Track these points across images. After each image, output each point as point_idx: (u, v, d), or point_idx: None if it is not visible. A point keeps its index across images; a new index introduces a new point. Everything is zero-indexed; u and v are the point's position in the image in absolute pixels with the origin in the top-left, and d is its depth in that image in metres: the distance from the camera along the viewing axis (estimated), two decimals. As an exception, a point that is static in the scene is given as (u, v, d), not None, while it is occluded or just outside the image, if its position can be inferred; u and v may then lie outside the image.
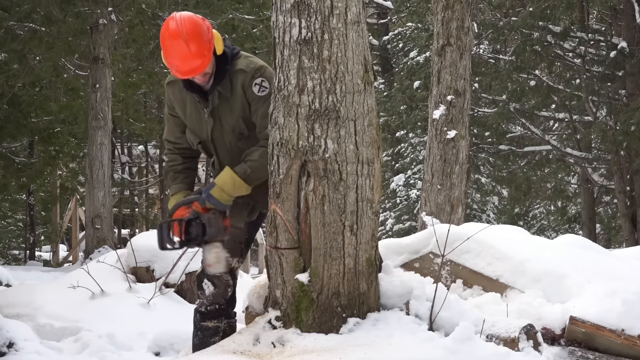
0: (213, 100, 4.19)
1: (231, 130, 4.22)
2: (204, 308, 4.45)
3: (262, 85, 4.13)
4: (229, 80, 4.16)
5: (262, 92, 4.13)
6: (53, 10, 14.45)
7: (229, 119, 4.21)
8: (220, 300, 4.44)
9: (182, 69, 4.05)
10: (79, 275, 7.42)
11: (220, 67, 4.14)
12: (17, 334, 5.73)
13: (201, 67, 4.04)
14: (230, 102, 4.18)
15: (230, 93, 4.17)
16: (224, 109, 4.20)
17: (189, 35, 4.01)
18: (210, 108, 4.20)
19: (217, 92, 4.17)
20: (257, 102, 4.14)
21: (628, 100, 15.84)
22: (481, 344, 3.49)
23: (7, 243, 25.78)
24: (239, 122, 4.20)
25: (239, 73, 4.16)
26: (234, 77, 4.16)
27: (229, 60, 4.16)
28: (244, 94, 4.16)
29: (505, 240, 4.48)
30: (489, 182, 20.82)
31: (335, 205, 3.67)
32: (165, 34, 4.05)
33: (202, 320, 4.46)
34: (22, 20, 14.78)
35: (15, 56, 15.46)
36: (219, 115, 4.21)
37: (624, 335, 3.74)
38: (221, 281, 4.43)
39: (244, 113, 4.19)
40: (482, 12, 17.98)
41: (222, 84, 4.16)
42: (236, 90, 4.16)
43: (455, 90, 8.85)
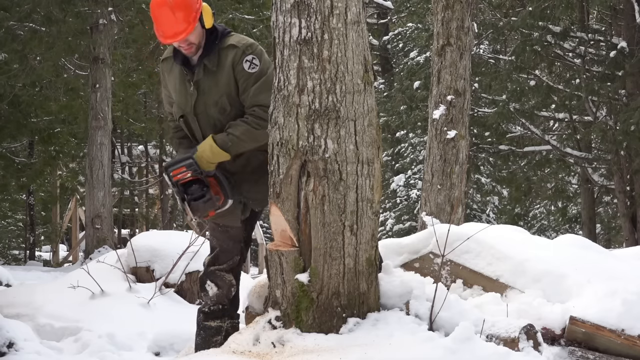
0: (198, 72, 4.23)
1: (214, 104, 4.24)
2: (207, 308, 4.46)
3: (252, 62, 4.17)
4: (217, 56, 4.21)
5: (252, 69, 4.17)
6: (53, 10, 14.46)
7: (213, 93, 4.23)
8: (224, 301, 4.45)
9: (166, 33, 4.13)
10: (79, 275, 7.42)
11: (209, 41, 4.21)
12: (17, 334, 5.73)
13: (184, 32, 4.10)
14: (216, 76, 4.22)
15: (216, 67, 4.21)
16: (209, 82, 4.23)
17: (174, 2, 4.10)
18: (195, 79, 4.24)
19: (203, 65, 4.22)
20: (247, 79, 4.17)
21: (628, 100, 15.84)
22: (481, 344, 3.49)
23: (7, 243, 25.77)
24: (223, 97, 4.22)
25: (229, 49, 4.21)
26: (223, 53, 4.21)
27: (219, 36, 4.23)
28: (232, 70, 4.19)
29: (505, 240, 4.48)
30: (489, 182, 20.82)
31: (335, 205, 3.67)
32: (154, 2, 4.16)
33: (205, 320, 4.47)
34: (22, 20, 14.78)
35: (15, 56, 15.47)
36: (203, 88, 4.25)
37: (624, 335, 3.74)
38: (224, 281, 4.43)
39: (229, 89, 4.22)
40: (482, 12, 17.98)
41: (210, 58, 4.21)
42: (224, 66, 4.20)
43: (455, 90, 8.85)
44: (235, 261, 4.48)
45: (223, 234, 4.46)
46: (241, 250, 4.49)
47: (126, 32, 17.45)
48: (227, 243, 4.46)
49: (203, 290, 4.49)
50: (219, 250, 4.47)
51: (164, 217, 24.32)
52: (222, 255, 4.46)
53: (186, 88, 4.28)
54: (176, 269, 7.78)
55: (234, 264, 4.47)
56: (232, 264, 4.47)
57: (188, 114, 4.32)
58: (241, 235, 4.46)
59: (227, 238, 4.45)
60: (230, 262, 4.46)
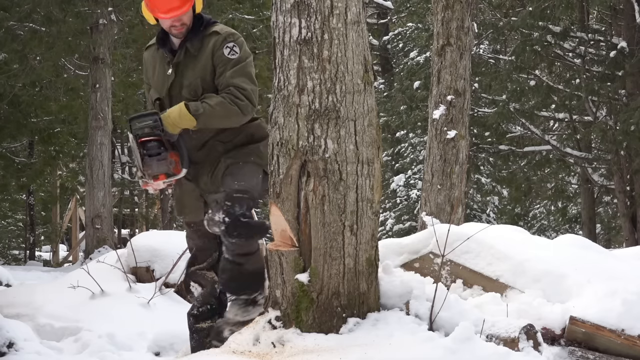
0: (179, 55, 4.30)
1: (187, 86, 4.29)
2: (196, 310, 4.49)
3: (232, 49, 4.25)
4: (200, 41, 4.29)
5: (232, 55, 4.25)
6: (53, 10, 14.45)
7: (189, 76, 4.29)
8: (211, 300, 4.47)
9: (163, 7, 4.18)
10: (79, 275, 7.42)
11: (195, 27, 4.29)
12: (17, 334, 5.73)
13: (181, 8, 4.18)
14: (195, 60, 4.29)
15: (197, 52, 4.28)
16: (188, 65, 4.30)
17: None
18: (175, 61, 4.30)
19: (185, 48, 4.29)
20: (226, 64, 4.25)
21: (628, 100, 15.84)
22: (481, 344, 3.49)
23: (7, 243, 25.78)
24: (197, 80, 4.28)
25: (212, 35, 4.30)
26: (206, 39, 4.30)
27: (204, 23, 4.32)
28: (211, 55, 4.26)
29: (505, 240, 4.48)
30: (489, 182, 20.81)
31: (335, 205, 3.67)
32: None
33: (196, 322, 4.49)
34: (22, 21, 14.78)
35: (15, 56, 15.47)
36: (182, 70, 4.31)
37: (624, 335, 3.74)
38: (207, 280, 4.45)
39: (204, 73, 4.28)
40: (482, 12, 17.98)
41: (193, 42, 4.29)
42: (205, 51, 4.28)
43: (455, 90, 8.85)
44: (215, 258, 4.49)
45: (196, 233, 4.49)
46: (219, 246, 4.47)
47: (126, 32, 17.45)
48: (203, 241, 4.48)
49: (189, 293, 4.52)
50: (197, 250, 4.50)
51: (164, 217, 24.31)
52: (200, 255, 4.50)
53: (164, 70, 4.34)
54: (176, 269, 7.78)
55: (213, 261, 4.49)
56: (212, 261, 4.49)
57: (163, 97, 4.36)
58: None
59: (202, 236, 4.47)
60: (210, 260, 4.48)
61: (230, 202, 4.21)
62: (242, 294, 4.34)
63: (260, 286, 4.37)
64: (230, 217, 4.20)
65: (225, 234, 4.21)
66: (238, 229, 4.20)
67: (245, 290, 4.34)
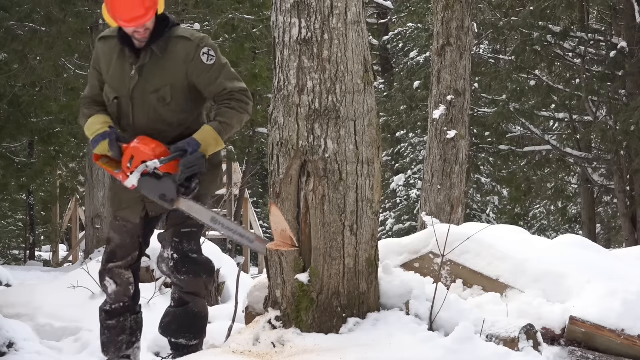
0: (144, 57, 4.16)
1: (154, 91, 4.17)
2: (109, 307, 4.44)
3: (209, 54, 4.14)
4: (165, 43, 4.15)
5: (210, 60, 4.13)
6: (53, 10, 14.45)
7: (156, 81, 4.17)
8: (124, 299, 4.43)
9: (126, 17, 4.03)
10: (79, 275, 7.41)
11: (158, 28, 4.14)
12: (17, 334, 5.72)
13: (145, 17, 4.03)
14: (161, 64, 4.15)
15: (163, 54, 4.15)
16: (153, 69, 4.17)
17: None
18: (139, 64, 4.16)
19: (150, 50, 4.15)
20: (210, 71, 4.13)
21: (628, 100, 15.84)
22: (481, 344, 3.49)
23: (7, 243, 25.78)
24: (166, 87, 4.16)
25: (180, 40, 4.15)
26: (172, 42, 4.15)
27: (169, 24, 4.18)
28: (185, 65, 4.13)
29: (505, 241, 4.48)
30: (489, 182, 20.82)
31: (335, 205, 3.67)
32: None
33: (107, 319, 4.45)
34: (22, 21, 14.77)
35: (15, 56, 15.45)
36: (146, 74, 4.17)
37: (624, 335, 3.74)
38: (122, 279, 4.40)
39: (175, 80, 4.16)
40: (482, 12, 17.97)
41: (158, 44, 4.14)
42: (172, 55, 4.14)
43: (455, 90, 8.85)
44: (134, 257, 4.42)
45: (121, 228, 4.39)
46: (140, 247, 4.44)
47: (126, 32, 17.43)
48: (125, 238, 4.39)
49: (102, 287, 4.45)
50: (116, 246, 4.40)
51: (164, 217, 24.30)
52: (119, 251, 4.40)
53: (125, 70, 4.20)
54: (176, 269, 7.77)
55: (132, 261, 4.42)
56: (131, 260, 4.41)
57: (123, 97, 4.23)
58: (139, 231, 4.40)
59: (125, 233, 4.39)
60: (129, 259, 4.40)
61: (178, 238, 4.26)
62: (180, 337, 4.33)
63: (201, 334, 4.38)
64: (179, 254, 4.26)
65: (174, 270, 4.26)
66: (186, 265, 4.26)
67: (185, 333, 4.33)
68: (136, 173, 4.08)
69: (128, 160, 4.12)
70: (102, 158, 4.24)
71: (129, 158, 4.12)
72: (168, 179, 4.05)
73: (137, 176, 4.08)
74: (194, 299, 4.32)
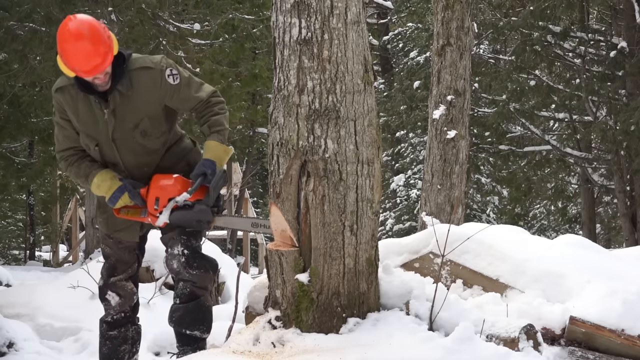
0: (114, 99, 4.13)
1: (134, 127, 4.18)
2: (110, 318, 4.48)
3: (173, 75, 4.15)
4: (129, 79, 4.12)
5: (176, 80, 4.15)
6: (53, 10, 14.44)
7: (132, 117, 4.17)
8: (126, 308, 4.49)
9: (85, 67, 3.97)
10: (79, 275, 7.42)
11: (117, 66, 4.09)
12: (17, 334, 5.73)
13: (103, 64, 3.97)
14: (132, 100, 4.14)
15: (131, 91, 4.13)
16: (126, 107, 4.15)
17: (90, 33, 3.94)
18: (111, 108, 4.14)
19: (117, 91, 4.12)
20: (178, 91, 4.16)
21: (628, 100, 15.84)
22: (481, 344, 3.49)
23: (7, 243, 25.77)
24: (144, 120, 4.17)
25: (142, 71, 4.13)
26: (135, 76, 4.12)
27: (125, 59, 4.12)
28: (155, 92, 4.13)
29: (505, 241, 4.48)
30: (489, 182, 20.82)
31: (335, 205, 3.67)
32: (66, 34, 3.95)
33: (109, 329, 4.49)
34: (22, 20, 14.76)
35: (15, 56, 15.45)
36: (121, 114, 4.16)
37: (624, 335, 3.74)
38: (126, 291, 4.47)
39: (150, 110, 4.17)
40: (482, 12, 17.98)
41: (122, 83, 4.11)
42: (139, 88, 4.13)
43: (455, 90, 8.85)
44: (134, 269, 4.51)
45: (116, 244, 4.45)
46: (137, 258, 4.52)
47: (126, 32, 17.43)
48: (123, 253, 4.47)
49: (104, 301, 4.49)
50: (116, 261, 4.46)
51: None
52: (119, 266, 4.46)
53: (97, 116, 4.17)
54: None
55: (133, 273, 4.50)
56: (132, 272, 4.49)
57: (104, 143, 4.22)
58: (135, 244, 4.48)
59: (122, 249, 4.46)
60: (130, 271, 4.48)
61: (186, 236, 4.30)
62: (195, 329, 4.34)
63: (210, 327, 4.41)
64: (189, 250, 4.30)
65: (186, 265, 4.28)
66: (197, 261, 4.30)
67: (199, 325, 4.35)
68: (166, 211, 4.19)
69: (154, 203, 4.20)
70: (122, 209, 4.31)
71: (154, 201, 4.20)
72: (200, 205, 4.17)
73: (168, 214, 4.18)
74: (205, 293, 4.36)
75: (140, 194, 4.23)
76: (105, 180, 4.24)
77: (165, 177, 4.24)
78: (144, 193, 4.23)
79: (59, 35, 3.96)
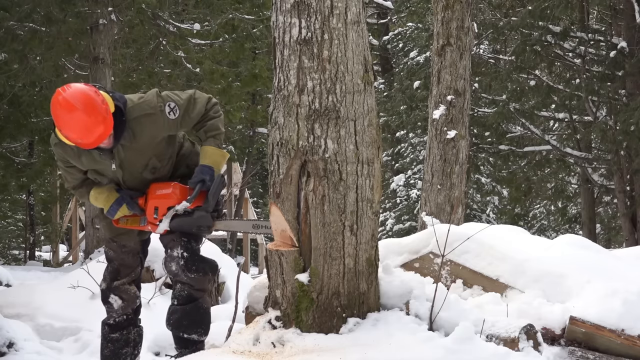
0: (119, 154, 4.15)
1: (143, 168, 4.24)
2: (113, 320, 4.51)
3: (173, 110, 4.14)
4: (131, 131, 4.10)
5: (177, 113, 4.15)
6: (53, 10, 14.44)
7: (140, 161, 4.21)
8: (128, 311, 4.52)
9: (87, 140, 3.95)
10: (79, 275, 7.42)
11: (117, 122, 4.04)
12: (17, 334, 5.73)
13: (105, 132, 3.96)
14: (138, 147, 4.16)
15: (134, 141, 4.13)
16: (131, 156, 4.18)
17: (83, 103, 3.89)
18: (117, 161, 4.18)
19: (120, 146, 4.13)
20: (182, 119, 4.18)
21: (628, 100, 15.83)
22: (481, 344, 3.49)
23: (7, 243, 25.76)
24: (152, 159, 4.23)
25: (142, 118, 4.11)
26: (135, 124, 4.11)
27: (123, 111, 4.08)
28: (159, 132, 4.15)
29: (505, 241, 4.48)
30: (489, 182, 20.82)
31: (335, 205, 3.67)
32: (59, 109, 3.91)
33: (111, 332, 4.51)
34: (22, 20, 14.76)
35: (15, 56, 15.45)
36: (128, 163, 4.20)
37: (624, 335, 3.74)
38: (129, 294, 4.50)
39: (157, 149, 4.21)
40: (482, 12, 17.97)
41: (125, 137, 4.10)
42: (143, 134, 4.13)
43: (455, 90, 8.85)
44: (138, 273, 4.55)
45: (120, 248, 4.49)
46: (140, 261, 4.56)
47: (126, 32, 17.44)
48: (127, 257, 4.51)
49: (106, 304, 4.50)
50: (119, 265, 4.49)
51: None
52: (123, 270, 4.50)
53: (105, 164, 4.21)
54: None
55: (136, 276, 4.54)
56: (135, 276, 4.53)
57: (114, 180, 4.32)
58: (139, 248, 4.52)
59: (126, 252, 4.50)
60: (133, 275, 4.52)
61: (186, 238, 4.32)
62: (193, 332, 4.35)
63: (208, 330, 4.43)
64: (189, 252, 4.32)
65: (185, 268, 4.29)
66: (196, 264, 4.32)
67: (197, 328, 4.36)
68: (166, 220, 4.22)
69: (152, 212, 4.23)
70: (121, 219, 4.35)
71: (152, 210, 4.23)
72: (200, 211, 4.20)
73: (168, 221, 4.21)
74: (203, 296, 4.37)
75: (138, 203, 4.25)
76: (102, 192, 4.29)
77: (162, 185, 4.26)
78: (142, 202, 4.26)
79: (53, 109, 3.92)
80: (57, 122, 3.95)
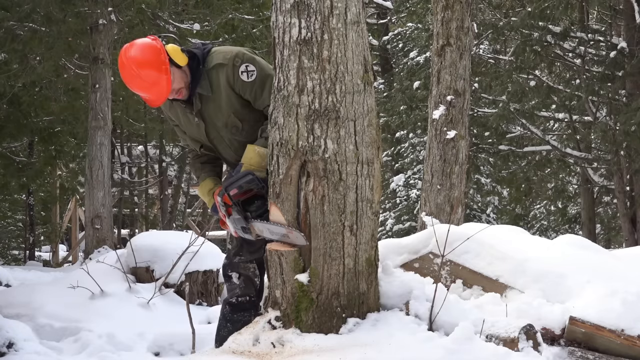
0: (196, 103, 4.16)
1: (224, 126, 4.19)
2: (235, 299, 4.38)
3: (248, 71, 4.08)
4: (207, 79, 4.11)
5: (251, 76, 4.08)
6: (53, 10, 14.43)
7: (220, 117, 4.17)
8: (251, 292, 4.37)
9: (150, 98, 4.04)
10: (79, 275, 7.42)
11: (193, 70, 4.09)
12: (17, 334, 5.73)
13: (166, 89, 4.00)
14: (214, 100, 4.14)
15: (211, 91, 4.12)
16: (210, 108, 4.16)
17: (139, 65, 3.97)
18: (195, 112, 4.19)
19: (197, 95, 4.14)
20: (253, 87, 4.09)
21: (628, 100, 15.83)
22: (481, 344, 3.49)
23: (7, 243, 25.75)
24: (231, 117, 4.16)
25: (217, 68, 4.11)
26: (212, 74, 4.11)
27: (200, 61, 4.10)
28: (231, 89, 4.11)
29: (505, 241, 4.48)
30: (489, 182, 20.81)
31: (335, 206, 3.67)
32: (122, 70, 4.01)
33: (232, 312, 4.36)
34: (22, 20, 14.75)
35: (15, 56, 15.45)
36: (208, 115, 4.19)
37: (624, 335, 3.74)
38: (248, 270, 4.36)
39: (234, 107, 4.14)
40: (482, 12, 17.98)
41: (201, 85, 4.11)
42: (219, 86, 4.11)
43: (455, 90, 8.85)
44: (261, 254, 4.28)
45: None
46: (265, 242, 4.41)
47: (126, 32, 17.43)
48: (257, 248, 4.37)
49: (227, 280, 4.38)
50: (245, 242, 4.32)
51: (163, 217, 24.31)
52: (246, 246, 4.36)
53: (191, 120, 4.24)
54: (176, 269, 7.78)
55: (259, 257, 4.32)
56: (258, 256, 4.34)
57: (204, 143, 4.32)
58: None
59: None
60: (256, 255, 4.35)
61: None
62: None
63: None
64: None
65: None
66: None
67: None
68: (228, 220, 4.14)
69: None
70: None
71: None
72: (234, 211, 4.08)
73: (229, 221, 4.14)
74: None
75: None
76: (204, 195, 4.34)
77: None
78: None
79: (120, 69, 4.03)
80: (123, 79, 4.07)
